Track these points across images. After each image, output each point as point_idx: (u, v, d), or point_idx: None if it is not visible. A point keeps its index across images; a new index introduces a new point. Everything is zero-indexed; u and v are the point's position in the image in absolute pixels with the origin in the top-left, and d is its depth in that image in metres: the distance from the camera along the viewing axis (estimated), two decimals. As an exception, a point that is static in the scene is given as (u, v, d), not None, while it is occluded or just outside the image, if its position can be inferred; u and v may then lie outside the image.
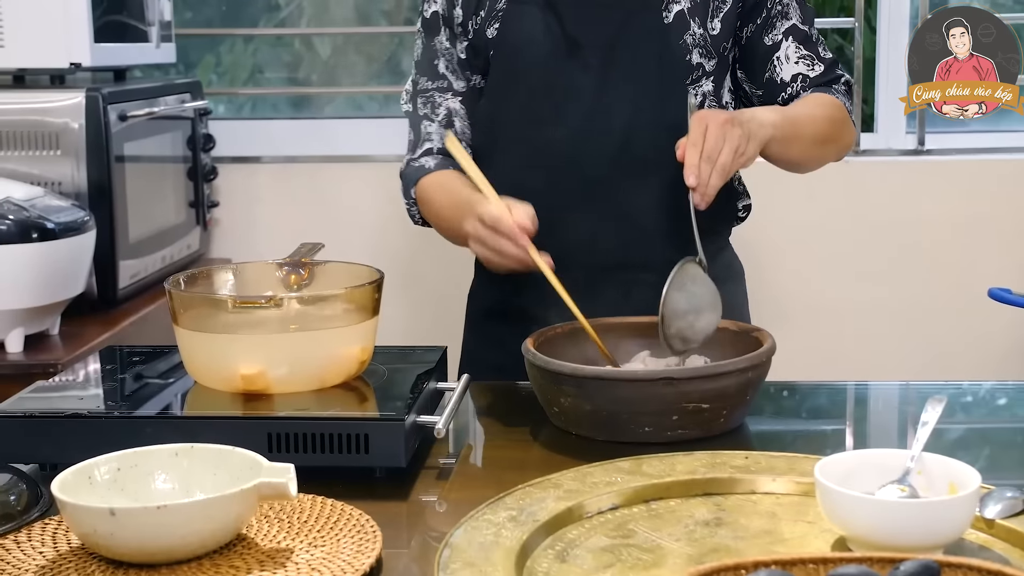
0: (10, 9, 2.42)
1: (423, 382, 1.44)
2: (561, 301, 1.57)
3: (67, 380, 1.52)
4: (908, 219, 3.08)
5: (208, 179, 2.96)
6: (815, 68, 1.83)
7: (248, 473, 1.13)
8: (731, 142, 1.55)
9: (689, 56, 1.76)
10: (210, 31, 3.32)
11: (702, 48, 1.77)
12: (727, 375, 1.42)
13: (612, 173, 1.76)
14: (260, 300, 1.41)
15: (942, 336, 3.08)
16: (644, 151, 1.75)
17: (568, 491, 1.22)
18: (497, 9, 1.78)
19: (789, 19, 1.82)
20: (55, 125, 2.35)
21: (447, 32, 1.83)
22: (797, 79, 1.82)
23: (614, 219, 1.76)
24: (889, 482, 1.14)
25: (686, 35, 1.76)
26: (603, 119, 1.75)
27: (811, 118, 1.77)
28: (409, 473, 1.34)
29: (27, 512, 1.20)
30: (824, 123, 1.79)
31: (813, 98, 1.81)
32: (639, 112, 1.75)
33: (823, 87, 1.84)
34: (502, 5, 1.78)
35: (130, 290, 2.47)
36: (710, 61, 1.78)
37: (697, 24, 1.76)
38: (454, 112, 1.84)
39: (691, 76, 1.77)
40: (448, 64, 1.84)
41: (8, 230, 2.04)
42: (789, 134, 1.70)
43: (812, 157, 1.83)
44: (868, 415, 1.73)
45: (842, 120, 1.83)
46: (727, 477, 1.26)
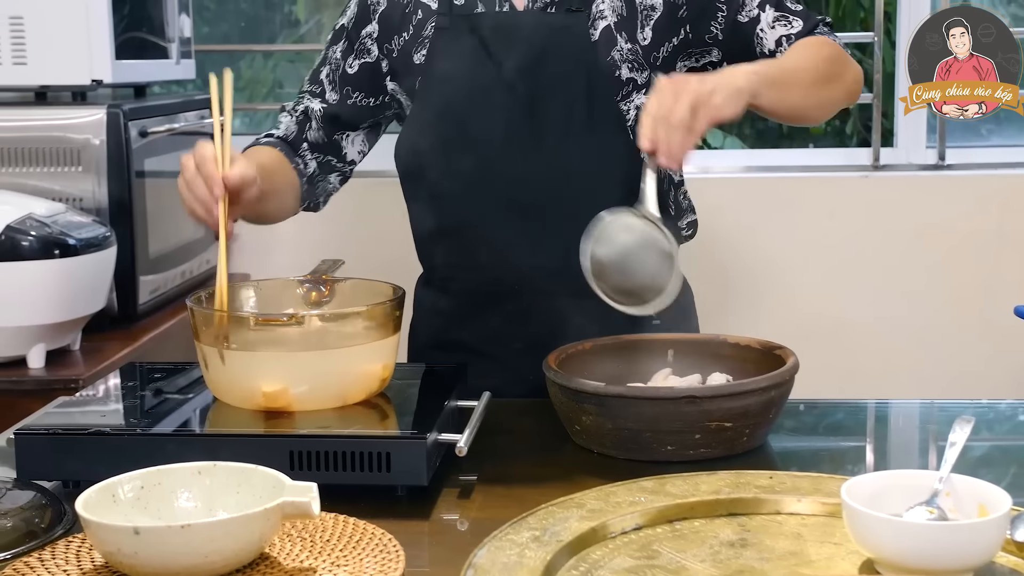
0: (33, 27, 2.43)
1: (444, 399, 1.44)
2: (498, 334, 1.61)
3: (89, 396, 1.52)
4: (929, 234, 3.07)
5: (227, 194, 2.96)
6: (793, 24, 1.75)
7: (271, 492, 1.13)
8: (687, 95, 1.45)
9: (618, 72, 1.71)
10: (229, 47, 3.33)
11: (631, 62, 1.72)
12: (750, 393, 1.41)
13: (546, 195, 1.71)
14: (282, 318, 1.41)
15: (964, 353, 3.07)
16: (577, 171, 1.71)
17: (591, 511, 1.22)
18: (423, 36, 1.75)
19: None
20: (76, 141, 2.36)
21: (344, 45, 1.83)
22: (782, 41, 1.75)
23: (552, 243, 1.70)
24: (917, 504, 1.13)
25: (613, 51, 1.71)
26: (533, 141, 1.70)
27: (805, 59, 1.69)
28: (430, 491, 1.33)
29: (51, 530, 1.20)
30: (820, 62, 1.70)
31: (799, 44, 1.73)
32: (569, 133, 1.70)
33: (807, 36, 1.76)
34: (428, 31, 1.75)
35: (149, 305, 2.48)
36: (642, 74, 1.73)
37: (624, 38, 1.71)
38: (311, 113, 1.84)
39: (621, 92, 1.72)
40: (330, 75, 1.84)
41: (30, 246, 2.05)
42: (779, 78, 1.61)
43: (818, 101, 1.72)
44: (891, 434, 1.72)
45: (838, 56, 1.73)
46: (752, 497, 1.26)
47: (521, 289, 1.75)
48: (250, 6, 3.35)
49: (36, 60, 2.44)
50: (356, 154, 1.89)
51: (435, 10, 1.75)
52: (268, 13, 3.36)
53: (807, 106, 1.71)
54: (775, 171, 3.20)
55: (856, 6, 3.78)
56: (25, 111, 2.43)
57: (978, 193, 3.07)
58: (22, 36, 2.43)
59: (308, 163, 1.85)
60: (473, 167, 1.72)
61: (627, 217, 1.50)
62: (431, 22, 1.75)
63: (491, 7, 1.73)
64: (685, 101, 1.45)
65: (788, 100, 1.65)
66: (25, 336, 2.08)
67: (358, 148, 1.88)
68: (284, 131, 1.85)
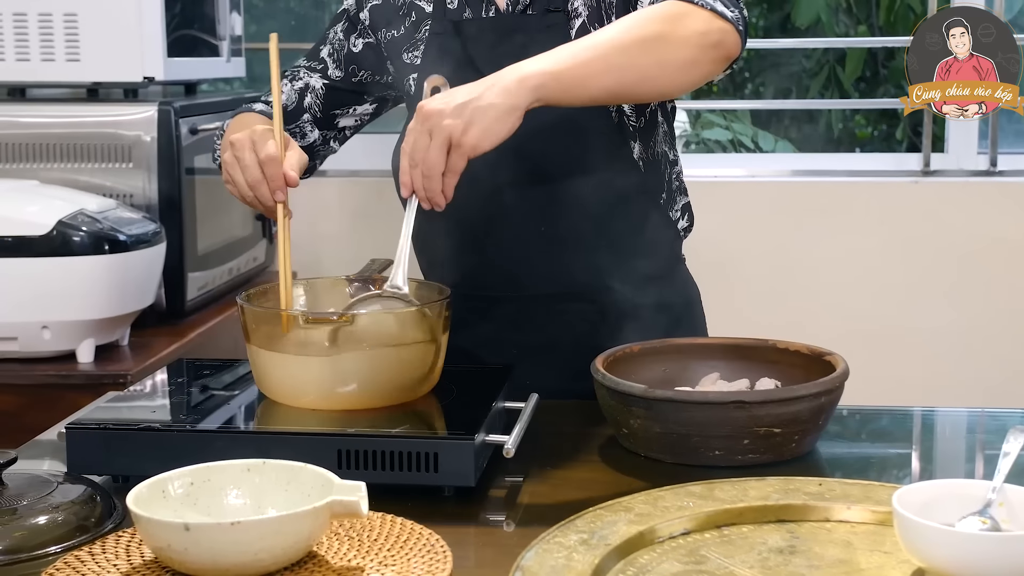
0: (86, 24, 2.46)
1: (491, 400, 1.44)
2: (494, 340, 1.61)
3: (138, 391, 1.53)
4: (979, 241, 3.04)
5: (275, 192, 2.98)
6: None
7: (320, 490, 1.13)
8: (440, 136, 1.39)
9: None
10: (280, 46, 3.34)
11: None
12: (800, 399, 1.40)
13: (536, 198, 1.69)
14: (332, 317, 1.41)
15: (1013, 361, 3.03)
16: (557, 175, 1.67)
17: (639, 515, 1.21)
18: (417, 38, 1.74)
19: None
20: (128, 138, 2.38)
21: (345, 25, 1.82)
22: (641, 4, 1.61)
23: (546, 248, 1.69)
24: (970, 513, 1.11)
25: None
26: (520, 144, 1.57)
27: (618, 30, 1.49)
28: (477, 492, 1.33)
29: (101, 524, 1.21)
30: (638, 26, 1.49)
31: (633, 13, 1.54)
32: (556, 132, 1.65)
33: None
34: (423, 34, 1.74)
35: (197, 302, 2.50)
36: None
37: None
38: (310, 88, 1.82)
39: None
40: (333, 53, 1.82)
41: (81, 242, 2.07)
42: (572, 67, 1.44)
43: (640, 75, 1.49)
44: (940, 441, 1.70)
45: (672, 15, 1.50)
46: (801, 504, 1.25)
47: (516, 295, 1.74)
48: (299, 4, 3.37)
49: (89, 57, 2.47)
50: (353, 122, 1.87)
51: (429, 13, 1.74)
52: (316, 12, 3.37)
53: (626, 83, 1.49)
54: (824, 175, 3.18)
55: (908, 11, 3.75)
56: (78, 107, 2.46)
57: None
58: (76, 33, 2.46)
59: (307, 133, 1.84)
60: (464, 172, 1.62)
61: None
62: (425, 25, 1.74)
63: (477, 12, 1.71)
64: (438, 142, 1.40)
65: (593, 86, 1.47)
66: (75, 331, 2.10)
67: (354, 119, 1.87)
68: (284, 100, 1.81)
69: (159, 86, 2.57)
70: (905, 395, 2.97)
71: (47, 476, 1.31)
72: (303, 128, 1.84)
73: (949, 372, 3.05)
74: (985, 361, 3.04)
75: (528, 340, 1.73)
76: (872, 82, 4.22)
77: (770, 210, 3.02)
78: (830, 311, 3.07)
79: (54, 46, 2.47)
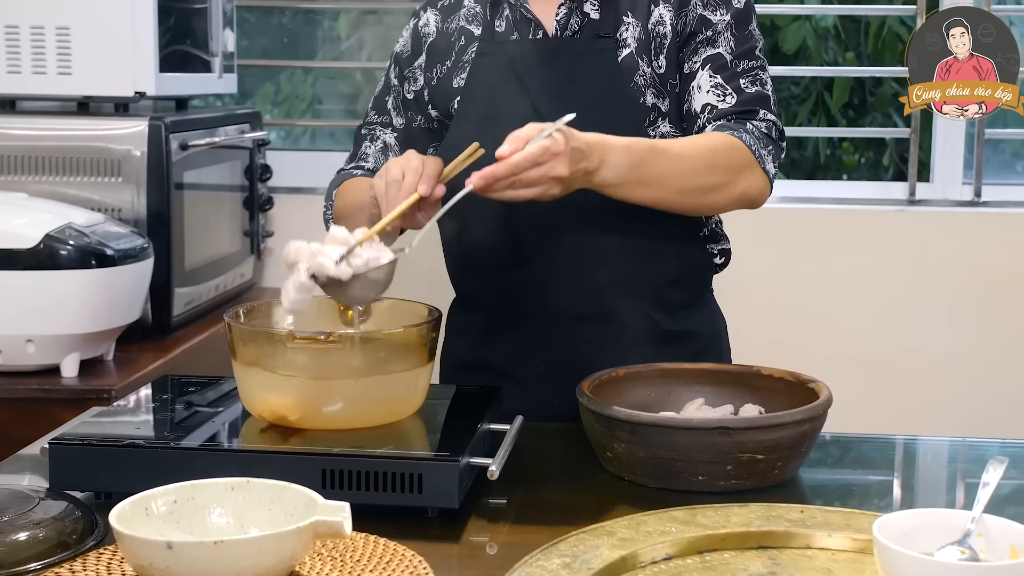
0: (79, 37, 2.46)
1: (477, 422, 1.44)
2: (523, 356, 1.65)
3: (122, 407, 1.53)
4: (963, 270, 3.05)
5: (264, 209, 2.99)
6: (727, 99, 1.70)
7: (303, 510, 1.13)
8: (536, 192, 1.47)
9: (643, 98, 1.71)
10: (271, 63, 3.35)
11: (654, 89, 1.72)
12: (783, 426, 1.41)
13: (574, 220, 1.71)
14: (319, 336, 1.41)
15: (995, 390, 3.05)
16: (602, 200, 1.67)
17: (622, 539, 1.22)
18: (464, 60, 1.78)
19: (715, 47, 1.71)
20: (118, 152, 2.38)
21: (397, 71, 1.86)
22: (705, 109, 1.70)
23: (579, 268, 1.72)
24: (949, 543, 1.12)
25: (636, 76, 1.71)
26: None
27: (689, 159, 1.61)
28: (461, 514, 1.33)
29: (82, 541, 1.21)
30: (705, 168, 1.62)
31: (706, 137, 1.67)
32: None
33: (734, 122, 1.69)
34: (469, 56, 1.78)
35: (184, 317, 2.49)
36: (664, 101, 1.73)
37: (645, 63, 1.71)
38: (389, 147, 1.87)
39: (648, 118, 1.72)
40: (394, 100, 1.87)
41: (68, 255, 2.07)
42: (642, 177, 1.57)
43: (680, 206, 1.66)
44: (921, 470, 1.71)
45: (736, 166, 1.65)
46: (783, 531, 1.25)
47: (547, 313, 1.76)
48: (291, 21, 3.38)
49: (81, 71, 2.47)
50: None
51: (477, 36, 1.78)
52: (308, 29, 3.38)
53: (662, 206, 1.64)
54: (810, 202, 3.19)
55: (896, 39, 3.78)
56: (68, 121, 2.46)
57: (1013, 230, 3.06)
58: (68, 46, 2.46)
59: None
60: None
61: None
62: (472, 48, 1.78)
63: (525, 34, 1.76)
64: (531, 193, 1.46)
65: (643, 199, 1.61)
66: (60, 345, 2.10)
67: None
68: (374, 164, 1.86)
69: (150, 101, 2.57)
70: (889, 421, 2.98)
71: (29, 492, 1.31)
72: None
73: (933, 399, 3.06)
74: (969, 389, 3.06)
75: (556, 358, 1.75)
76: (859, 109, 4.25)
77: (756, 237, 3.03)
78: (815, 337, 3.08)
79: (46, 59, 2.47)
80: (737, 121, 1.69)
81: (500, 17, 1.78)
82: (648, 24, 1.72)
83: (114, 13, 2.45)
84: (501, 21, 1.78)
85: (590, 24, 1.73)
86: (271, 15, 3.37)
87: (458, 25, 1.81)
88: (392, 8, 3.28)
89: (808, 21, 3.79)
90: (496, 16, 1.78)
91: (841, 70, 3.93)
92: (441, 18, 1.83)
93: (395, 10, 3.28)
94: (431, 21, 1.84)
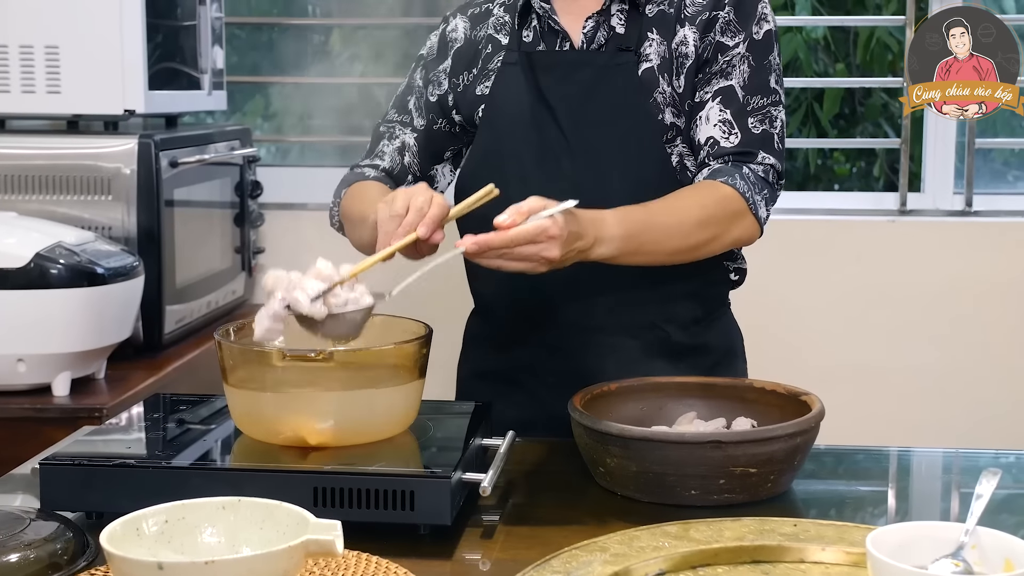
0: (68, 56, 2.46)
1: (469, 438, 1.44)
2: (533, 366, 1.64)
3: (114, 425, 1.53)
4: (955, 280, 3.05)
5: (254, 225, 2.99)
6: (730, 139, 1.71)
7: (295, 529, 1.13)
8: (524, 267, 1.49)
9: (662, 115, 1.72)
10: (261, 79, 3.35)
11: (673, 108, 1.73)
12: (775, 440, 1.41)
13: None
14: (309, 354, 1.41)
15: (988, 401, 3.05)
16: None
17: (615, 555, 1.21)
18: (489, 69, 1.80)
19: (728, 80, 1.72)
20: (107, 170, 2.38)
21: (423, 74, 1.87)
22: (708, 143, 1.72)
23: (593, 279, 1.71)
24: (943, 556, 1.12)
25: (656, 93, 1.72)
26: (578, 178, 1.72)
27: (683, 221, 1.64)
28: (453, 531, 1.33)
29: (74, 562, 1.21)
30: (697, 227, 1.65)
31: (697, 189, 1.69)
32: (614, 172, 1.72)
33: (731, 164, 1.70)
34: (495, 65, 1.80)
35: (175, 335, 2.49)
36: (681, 119, 1.74)
37: (666, 81, 1.73)
38: (406, 146, 1.87)
39: (666, 135, 1.73)
40: (416, 101, 1.87)
41: (59, 275, 2.06)
42: (639, 248, 1.60)
43: (672, 263, 1.68)
44: (915, 481, 1.71)
45: (727, 216, 1.67)
46: (776, 545, 1.25)
47: (560, 324, 1.77)
48: (281, 37, 3.38)
49: (70, 89, 2.47)
50: (445, 185, 1.92)
51: (504, 46, 1.80)
52: (298, 45, 3.38)
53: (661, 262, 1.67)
54: (801, 213, 3.20)
55: (885, 50, 3.79)
56: (57, 139, 2.46)
57: (1004, 240, 3.06)
58: (57, 65, 2.46)
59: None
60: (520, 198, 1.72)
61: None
62: (498, 57, 1.80)
63: (551, 45, 1.78)
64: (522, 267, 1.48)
65: (641, 261, 1.63)
66: (51, 364, 2.09)
67: (448, 179, 1.91)
68: (389, 163, 1.87)
69: (140, 118, 2.57)
70: (880, 434, 2.98)
71: (19, 512, 1.30)
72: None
73: (925, 410, 3.06)
74: (961, 399, 3.06)
75: (567, 369, 1.75)
76: (850, 119, 4.26)
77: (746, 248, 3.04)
78: (807, 349, 3.08)
79: (35, 78, 2.47)
80: (734, 164, 1.70)
81: (528, 27, 1.80)
82: (672, 43, 1.74)
83: (103, 31, 2.45)
84: (529, 32, 1.80)
85: (615, 38, 1.75)
86: (261, 31, 3.37)
87: (486, 33, 1.83)
88: (385, 24, 3.29)
89: (799, 33, 3.80)
90: (524, 26, 1.80)
91: (831, 81, 3.94)
92: (470, 25, 1.85)
93: (389, 25, 3.29)
94: (459, 27, 1.85)
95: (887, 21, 3.67)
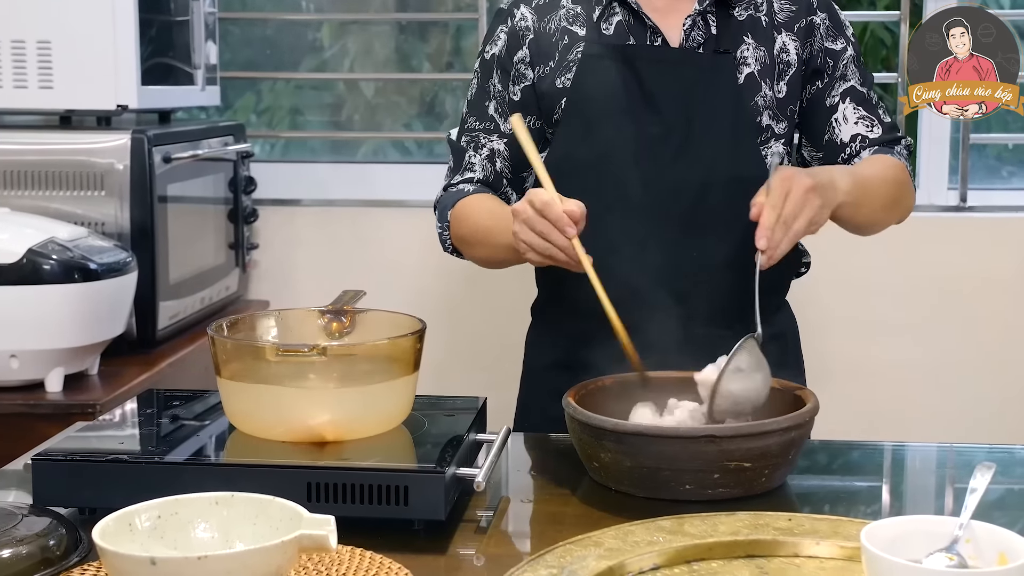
0: (60, 51, 2.45)
1: (463, 433, 1.43)
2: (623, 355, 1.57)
3: (107, 421, 1.52)
4: (950, 276, 3.05)
5: (248, 221, 2.98)
6: (874, 129, 1.84)
7: (288, 524, 1.12)
8: (809, 211, 1.55)
9: (760, 118, 1.78)
10: (254, 75, 3.34)
11: (772, 110, 1.78)
12: (770, 434, 1.41)
13: (682, 227, 1.75)
14: (303, 349, 1.41)
15: (982, 396, 3.05)
16: (716, 208, 1.75)
17: (609, 549, 1.21)
18: (569, 60, 1.79)
19: (848, 81, 1.84)
20: (100, 166, 2.37)
21: (500, 74, 1.85)
22: (856, 139, 1.83)
23: (678, 271, 1.74)
24: (937, 550, 1.12)
25: (757, 96, 1.77)
26: (679, 173, 1.75)
27: (881, 180, 1.77)
28: (448, 526, 1.33)
29: (66, 557, 1.20)
30: (892, 186, 1.79)
31: (879, 159, 1.81)
32: (714, 170, 1.75)
33: (884, 148, 1.84)
34: (575, 56, 1.79)
35: (169, 331, 2.48)
36: (779, 124, 1.80)
37: (767, 86, 1.77)
38: (497, 153, 1.85)
39: (762, 137, 1.78)
40: (498, 107, 1.85)
41: (52, 270, 2.06)
42: (860, 199, 1.70)
43: (878, 221, 1.84)
44: (909, 476, 1.71)
45: (905, 182, 1.83)
46: (770, 539, 1.25)
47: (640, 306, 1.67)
48: (275, 33, 3.37)
49: (62, 84, 2.46)
50: (531, 183, 1.89)
51: (583, 37, 1.79)
52: (293, 40, 3.37)
53: (867, 224, 1.83)
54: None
55: (879, 44, 3.78)
56: (50, 135, 2.45)
57: (999, 235, 3.06)
58: (49, 60, 2.45)
59: (511, 198, 1.87)
60: (614, 189, 1.75)
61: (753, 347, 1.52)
62: (577, 48, 1.79)
63: (642, 40, 1.78)
64: (807, 216, 1.55)
65: (856, 218, 1.77)
66: (44, 360, 2.09)
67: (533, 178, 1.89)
68: (482, 174, 1.85)
69: (133, 114, 2.57)
70: (875, 429, 2.98)
71: (12, 508, 1.30)
72: (506, 194, 1.87)
73: (919, 406, 3.06)
74: (955, 395, 3.06)
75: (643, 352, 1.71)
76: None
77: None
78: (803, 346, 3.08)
79: (27, 73, 2.46)
80: (886, 147, 1.84)
81: (607, 20, 1.79)
82: (773, 50, 1.79)
83: (95, 26, 2.44)
84: (609, 25, 1.79)
85: (710, 39, 1.77)
86: (254, 26, 3.36)
87: (559, 25, 1.81)
88: (375, 19, 3.28)
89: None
90: (603, 18, 1.79)
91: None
92: (537, 17, 1.83)
93: (378, 20, 3.28)
94: (528, 17, 1.83)
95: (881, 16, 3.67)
